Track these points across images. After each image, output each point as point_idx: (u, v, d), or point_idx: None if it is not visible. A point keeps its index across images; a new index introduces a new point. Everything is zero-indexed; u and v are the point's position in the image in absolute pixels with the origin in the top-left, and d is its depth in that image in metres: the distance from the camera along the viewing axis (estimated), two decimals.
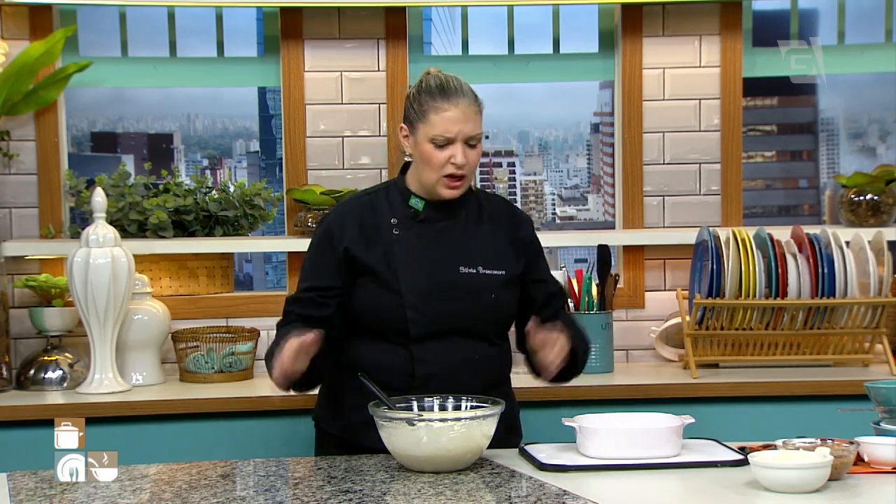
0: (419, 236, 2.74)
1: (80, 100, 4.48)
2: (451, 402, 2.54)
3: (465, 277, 2.73)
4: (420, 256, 2.73)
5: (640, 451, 2.45)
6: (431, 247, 2.74)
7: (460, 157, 2.68)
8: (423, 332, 2.70)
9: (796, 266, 3.72)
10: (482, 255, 2.76)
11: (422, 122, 2.70)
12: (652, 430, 2.51)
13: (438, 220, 2.77)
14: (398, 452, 2.40)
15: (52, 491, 2.31)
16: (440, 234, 2.76)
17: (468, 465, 2.41)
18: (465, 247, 2.75)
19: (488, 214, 2.82)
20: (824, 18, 4.40)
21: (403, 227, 2.75)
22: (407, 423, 2.37)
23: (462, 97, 2.70)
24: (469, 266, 2.74)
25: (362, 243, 2.73)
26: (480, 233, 2.79)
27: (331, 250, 2.74)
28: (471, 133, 2.69)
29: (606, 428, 2.52)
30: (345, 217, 2.78)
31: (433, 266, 2.72)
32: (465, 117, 2.68)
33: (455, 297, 2.71)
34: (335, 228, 2.76)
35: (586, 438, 2.49)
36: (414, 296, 2.70)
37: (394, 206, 2.78)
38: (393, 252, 2.72)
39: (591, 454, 2.47)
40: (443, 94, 2.69)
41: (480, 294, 2.73)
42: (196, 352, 3.77)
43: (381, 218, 2.76)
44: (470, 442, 2.37)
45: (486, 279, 2.74)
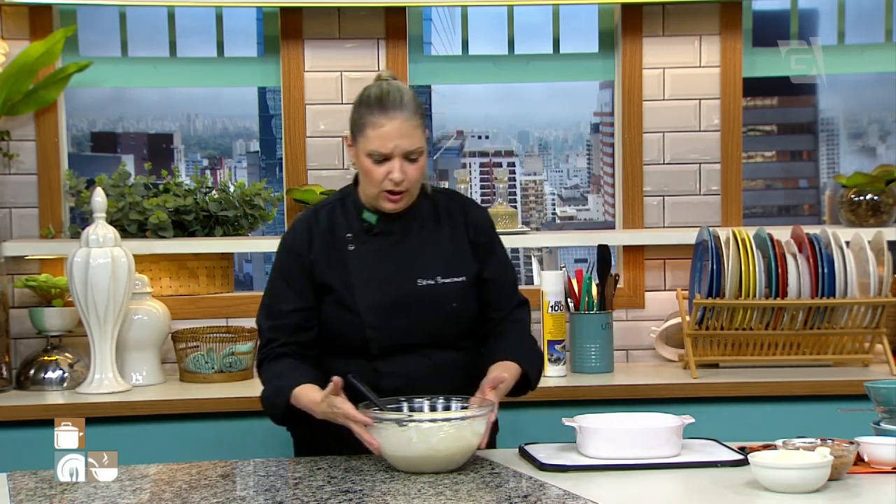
0: (374, 250, 2.68)
1: (80, 100, 4.48)
2: (441, 402, 2.53)
3: (424, 290, 2.66)
4: (376, 272, 2.66)
5: (640, 451, 2.45)
6: (387, 261, 2.67)
7: (397, 174, 2.58)
8: (384, 348, 2.66)
9: (796, 266, 3.72)
10: (440, 263, 2.69)
11: (360, 135, 2.61)
12: (652, 430, 2.51)
13: (393, 231, 2.69)
14: (388, 454, 2.40)
15: (52, 491, 2.31)
16: (395, 247, 2.69)
17: (459, 465, 2.40)
18: (421, 258, 2.68)
19: (445, 217, 2.74)
20: (824, 18, 4.40)
21: (358, 241, 2.69)
22: (397, 424, 2.37)
23: (400, 111, 2.58)
24: (427, 278, 2.67)
25: (323, 259, 2.68)
26: (438, 239, 2.71)
27: (300, 268, 2.69)
28: (409, 148, 2.59)
29: (606, 428, 2.52)
30: (307, 232, 2.71)
31: (390, 281, 2.66)
32: (401, 133, 2.58)
33: (414, 311, 2.66)
34: (301, 244, 2.70)
35: (586, 438, 2.49)
36: (372, 314, 2.65)
37: (349, 219, 2.71)
38: (349, 269, 2.67)
39: (590, 454, 2.47)
40: (380, 108, 2.59)
41: (441, 305, 2.67)
42: (196, 352, 3.77)
43: (337, 232, 2.70)
44: (460, 442, 2.37)
45: (445, 288, 2.67)
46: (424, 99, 5.64)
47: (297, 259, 2.70)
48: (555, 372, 3.73)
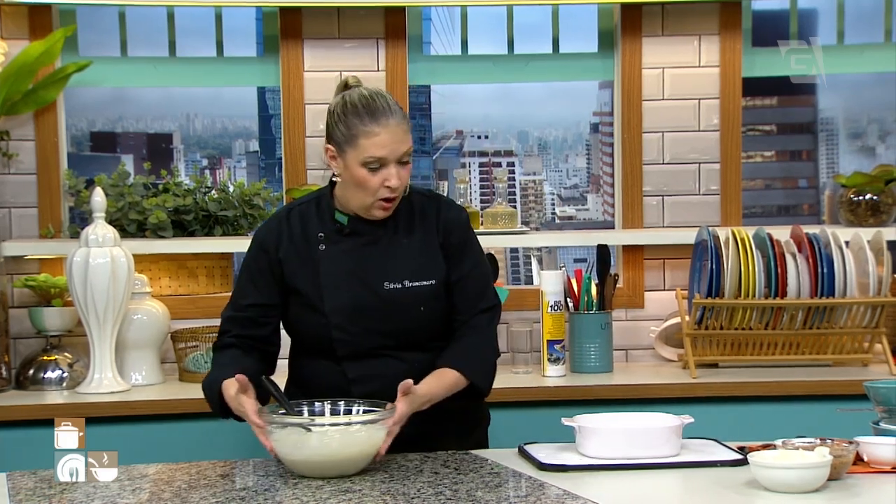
0: (345, 251, 2.66)
1: (80, 99, 4.48)
2: (343, 407, 2.51)
3: (391, 293, 2.64)
4: (344, 274, 2.64)
5: (639, 451, 2.45)
6: (356, 263, 2.65)
7: (395, 180, 2.57)
8: (350, 351, 2.64)
9: (796, 266, 3.72)
10: (409, 267, 2.66)
11: (351, 146, 2.57)
12: (651, 430, 2.51)
13: (365, 233, 2.67)
14: (283, 456, 2.39)
15: (51, 491, 2.31)
16: (365, 250, 2.66)
17: (356, 470, 2.38)
18: (390, 261, 2.66)
19: (419, 218, 2.71)
20: (824, 18, 4.40)
21: (330, 241, 2.67)
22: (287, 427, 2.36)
23: (391, 116, 2.57)
24: (394, 281, 2.64)
25: (293, 258, 2.66)
26: (409, 242, 2.68)
27: (267, 265, 2.67)
28: (403, 152, 2.58)
29: (606, 428, 2.52)
30: (277, 230, 2.69)
31: (357, 284, 2.64)
32: (395, 138, 2.56)
33: (381, 314, 2.64)
34: (270, 242, 2.68)
35: (586, 438, 2.49)
36: (338, 316, 2.63)
37: (322, 219, 2.69)
38: (318, 270, 2.65)
39: (590, 454, 2.47)
40: (371, 116, 2.56)
41: (408, 308, 2.64)
42: (195, 351, 3.77)
43: (308, 232, 2.68)
44: (353, 448, 2.34)
45: (413, 292, 2.65)
46: (424, 99, 5.65)
47: (264, 255, 2.68)
48: (554, 372, 3.73)
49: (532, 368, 3.81)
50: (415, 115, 4.23)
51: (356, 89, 2.63)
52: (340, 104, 2.61)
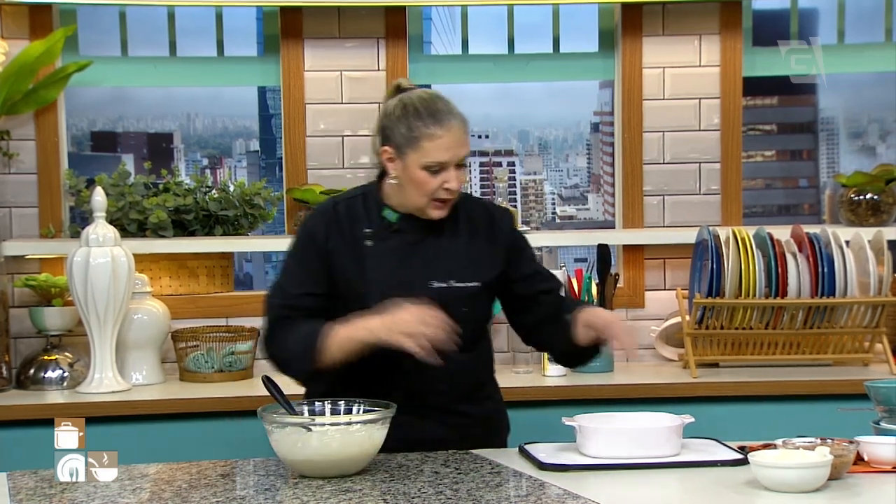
0: (392, 249, 2.65)
1: (80, 99, 4.48)
2: (343, 407, 2.51)
3: (437, 292, 2.63)
4: (391, 272, 2.64)
5: (639, 451, 2.45)
6: (403, 261, 2.65)
7: (454, 183, 2.59)
8: (391, 348, 2.60)
9: (796, 265, 3.72)
10: (455, 267, 2.66)
11: (413, 148, 2.57)
12: (652, 430, 2.51)
13: (412, 231, 2.67)
14: (283, 456, 2.39)
15: (51, 490, 2.31)
16: (413, 248, 2.66)
17: (357, 469, 2.38)
18: (437, 260, 2.66)
19: (466, 221, 2.72)
20: (824, 18, 4.40)
21: (377, 237, 2.66)
22: (297, 427, 2.35)
23: (453, 119, 2.59)
24: (441, 280, 2.65)
25: (341, 251, 2.65)
26: (455, 242, 2.69)
27: (317, 255, 2.66)
28: (464, 155, 2.60)
29: (606, 428, 2.52)
30: (326, 221, 2.68)
31: (404, 282, 2.63)
32: (458, 142, 2.59)
33: None
34: (319, 233, 2.67)
35: (586, 438, 2.49)
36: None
37: (369, 214, 2.68)
38: (364, 266, 2.64)
39: (590, 454, 2.47)
40: (435, 119, 2.58)
41: (454, 309, 2.61)
42: (196, 351, 3.78)
43: (356, 226, 2.67)
44: (352, 448, 2.34)
45: (458, 292, 2.65)
46: None
47: (313, 246, 2.66)
48: (555, 371, 3.73)
49: (532, 368, 3.81)
50: None
51: (414, 92, 2.64)
52: (399, 106, 2.61)
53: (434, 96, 2.64)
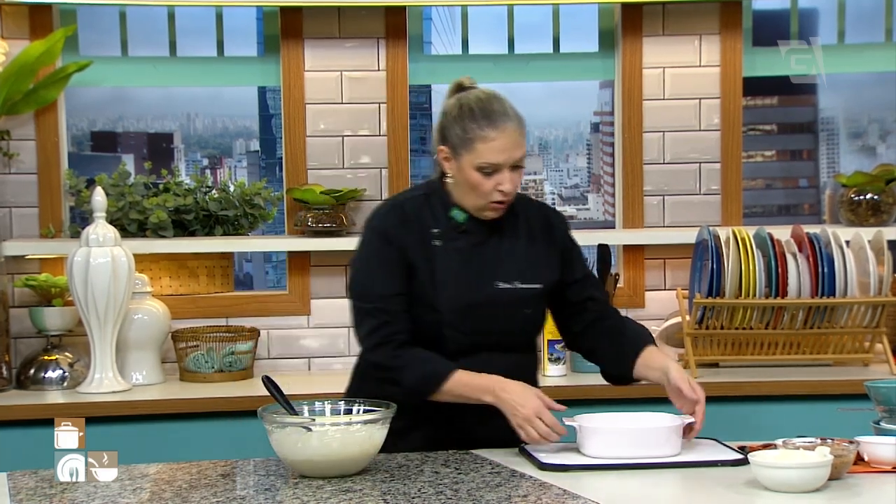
0: (459, 249, 2.65)
1: (80, 99, 4.48)
2: (343, 406, 2.51)
3: (502, 293, 2.65)
4: (459, 271, 2.64)
5: (639, 451, 2.45)
6: (470, 261, 2.65)
7: (508, 185, 2.57)
8: (458, 348, 2.64)
9: (796, 265, 3.72)
10: (519, 268, 2.67)
11: (467, 150, 2.56)
12: (652, 430, 2.51)
13: (479, 232, 2.67)
14: (285, 456, 2.39)
15: (52, 490, 2.31)
16: (479, 248, 2.66)
17: (358, 469, 2.38)
18: (502, 261, 2.67)
19: (525, 224, 2.71)
20: (824, 18, 4.40)
21: (445, 237, 2.65)
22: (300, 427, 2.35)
23: (508, 121, 2.57)
24: (506, 281, 2.66)
25: (413, 249, 2.63)
26: (518, 244, 2.69)
27: (396, 254, 2.63)
28: (518, 157, 2.59)
29: (606, 427, 2.52)
30: (397, 219, 2.66)
31: (471, 282, 2.64)
32: (513, 144, 2.57)
33: (491, 313, 2.64)
34: (392, 231, 2.64)
35: (586, 438, 2.49)
36: (452, 313, 2.62)
37: (436, 214, 2.67)
38: (434, 266, 2.63)
39: (591, 454, 2.47)
40: (489, 121, 2.56)
41: (516, 310, 2.66)
42: (196, 351, 3.78)
43: (423, 225, 2.66)
44: (353, 447, 2.34)
45: (522, 294, 2.66)
46: (424, 99, 5.64)
47: (389, 245, 2.63)
48: (555, 371, 3.74)
49: None
50: (415, 114, 4.23)
51: (472, 91, 2.63)
52: (456, 106, 2.61)
53: (491, 97, 2.60)
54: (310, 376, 3.97)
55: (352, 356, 4.00)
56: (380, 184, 4.04)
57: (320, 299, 4.02)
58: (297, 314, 4.02)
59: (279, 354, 4.01)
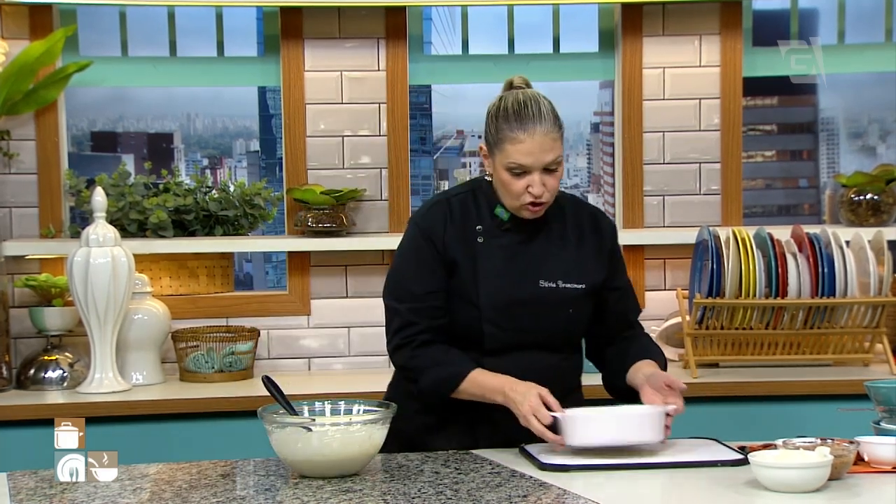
0: (502, 247, 2.65)
1: (81, 99, 4.49)
2: (343, 406, 2.51)
3: (545, 292, 2.64)
4: (501, 269, 2.64)
5: (623, 436, 2.45)
6: (513, 259, 2.65)
7: (537, 188, 2.55)
8: (497, 346, 2.64)
9: (796, 265, 3.72)
10: (563, 268, 2.66)
11: (498, 149, 2.57)
12: (634, 416, 2.50)
13: (522, 230, 2.67)
14: (285, 456, 2.39)
15: (52, 490, 2.31)
16: (523, 246, 2.66)
17: (358, 469, 2.38)
18: (546, 260, 2.67)
19: (573, 224, 2.71)
20: (824, 18, 4.40)
21: (488, 234, 2.66)
22: (300, 427, 2.35)
23: (539, 125, 2.55)
24: (549, 280, 2.65)
25: (456, 246, 2.65)
26: (563, 244, 2.69)
27: (435, 252, 2.64)
28: (548, 161, 2.56)
29: (587, 415, 2.50)
30: (441, 217, 2.67)
31: (513, 280, 2.64)
32: (540, 147, 2.55)
33: (533, 312, 2.64)
34: (435, 229, 2.65)
35: (568, 427, 2.46)
36: (492, 310, 2.63)
37: (480, 211, 2.68)
38: (476, 262, 2.64)
39: (574, 443, 2.45)
40: (519, 122, 2.55)
41: (559, 309, 2.65)
42: (196, 351, 3.78)
43: (467, 222, 2.67)
44: (353, 447, 2.34)
45: (565, 294, 2.66)
46: (425, 99, 5.65)
47: (429, 243, 2.65)
48: None
49: None
50: (415, 114, 4.23)
51: (515, 92, 2.62)
52: (496, 106, 2.61)
53: (530, 98, 2.58)
54: (310, 376, 3.97)
55: (351, 356, 4.03)
56: (380, 184, 4.04)
57: (320, 299, 4.02)
58: (297, 314, 4.02)
59: (279, 354, 4.01)
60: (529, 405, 2.49)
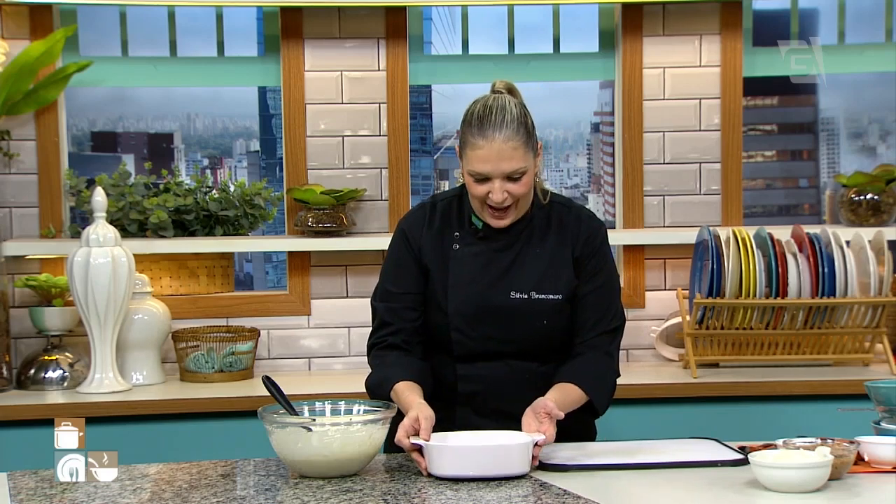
0: (476, 255, 2.64)
1: (81, 99, 4.48)
2: (343, 407, 2.51)
3: (517, 303, 2.61)
4: (473, 277, 2.63)
5: (487, 470, 2.31)
6: (486, 267, 2.63)
7: (497, 196, 2.52)
8: (467, 352, 2.64)
9: (796, 265, 3.72)
10: (537, 278, 2.62)
11: (462, 154, 2.57)
12: (501, 448, 2.37)
13: (498, 239, 2.63)
14: (285, 456, 2.39)
15: (52, 490, 2.31)
16: (496, 255, 2.64)
17: (358, 469, 2.38)
18: (520, 270, 2.63)
19: (556, 228, 2.66)
20: (824, 18, 4.40)
21: (464, 242, 2.65)
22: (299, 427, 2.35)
23: (499, 132, 2.50)
24: (521, 291, 2.62)
25: (431, 251, 2.66)
26: (541, 253, 2.64)
27: (412, 254, 2.66)
28: (508, 170, 2.51)
29: (451, 446, 2.39)
30: (422, 220, 2.69)
31: (483, 289, 2.62)
32: (498, 155, 2.50)
33: (503, 322, 2.62)
34: (414, 231, 2.68)
35: (433, 456, 2.35)
36: (459, 318, 2.62)
37: (462, 217, 2.67)
38: (448, 269, 2.64)
39: (437, 472, 2.34)
40: (480, 129, 2.52)
41: (531, 320, 2.62)
42: (196, 351, 3.78)
43: (446, 228, 2.67)
44: (352, 447, 2.33)
45: (538, 304, 2.61)
46: (425, 99, 5.64)
47: (407, 245, 2.68)
48: None
49: None
50: (415, 114, 4.23)
51: (486, 97, 2.58)
52: (467, 110, 2.59)
53: (497, 105, 2.54)
54: (310, 376, 3.97)
55: (352, 356, 4.03)
56: (380, 184, 4.04)
57: (320, 299, 4.02)
58: (297, 314, 4.02)
59: (279, 354, 4.01)
60: (402, 428, 2.42)
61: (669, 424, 3.51)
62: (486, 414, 2.64)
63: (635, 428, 3.39)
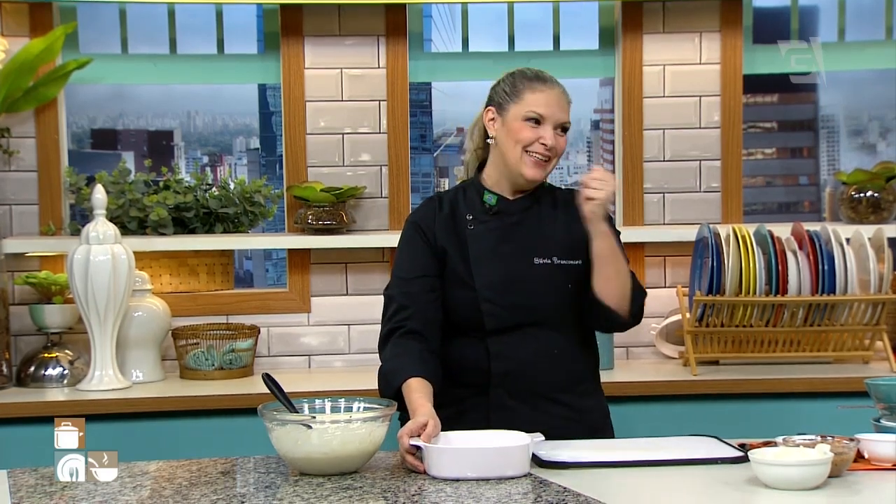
0: (493, 229, 2.74)
1: (81, 97, 4.48)
2: (343, 404, 2.51)
3: (540, 269, 2.71)
4: (494, 250, 2.72)
5: (485, 471, 2.31)
6: (505, 240, 2.73)
7: (550, 139, 2.69)
8: (498, 325, 2.69)
9: (796, 263, 3.72)
10: (557, 245, 2.74)
11: (514, 101, 2.71)
12: (498, 450, 2.37)
13: (512, 213, 2.76)
14: (285, 454, 2.39)
15: (52, 488, 2.31)
16: (514, 227, 2.75)
17: (357, 467, 2.38)
18: (539, 238, 2.74)
19: (563, 206, 2.80)
20: (825, 15, 4.40)
21: (478, 221, 2.76)
22: (300, 424, 2.35)
23: (557, 85, 2.75)
24: (543, 257, 2.72)
25: (446, 236, 2.74)
26: (556, 224, 2.77)
27: (424, 241, 2.74)
28: (561, 119, 2.72)
29: (448, 447, 2.39)
30: (431, 211, 2.78)
31: (507, 259, 2.71)
32: (559, 103, 2.73)
33: (530, 289, 2.70)
34: (425, 221, 2.76)
35: (431, 457, 2.35)
36: (488, 289, 2.69)
37: (470, 202, 2.78)
38: (467, 247, 2.72)
39: (435, 473, 2.34)
40: (539, 78, 2.73)
41: (557, 285, 2.71)
42: (196, 349, 3.78)
43: (458, 214, 2.77)
44: (351, 445, 2.33)
45: (561, 269, 2.72)
46: (425, 96, 5.64)
47: (420, 233, 2.75)
48: None
49: None
50: (416, 112, 4.23)
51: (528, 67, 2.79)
52: (509, 73, 2.78)
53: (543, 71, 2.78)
54: (310, 374, 3.97)
55: (352, 353, 4.03)
56: (380, 181, 4.04)
57: (320, 297, 4.02)
58: (297, 312, 4.02)
59: (279, 352, 4.01)
60: (407, 428, 2.41)
61: (669, 422, 3.51)
62: (519, 396, 2.68)
63: (635, 425, 3.39)
